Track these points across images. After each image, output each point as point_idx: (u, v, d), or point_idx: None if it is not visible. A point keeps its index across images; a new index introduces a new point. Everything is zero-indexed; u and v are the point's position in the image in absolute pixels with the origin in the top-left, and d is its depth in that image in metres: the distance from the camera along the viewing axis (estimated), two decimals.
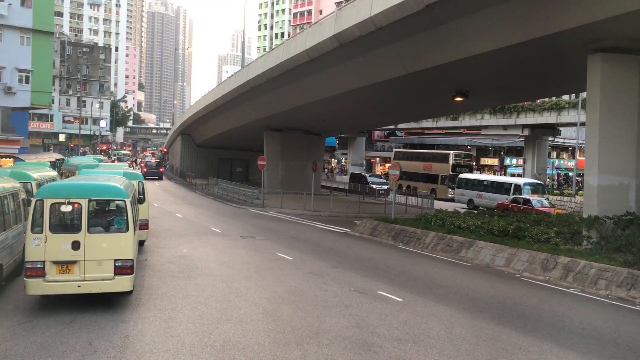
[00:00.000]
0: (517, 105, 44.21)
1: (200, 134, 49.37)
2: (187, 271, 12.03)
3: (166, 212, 24.23)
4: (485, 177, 37.57)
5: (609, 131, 14.23)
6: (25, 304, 8.93)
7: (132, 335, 7.65)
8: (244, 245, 16.26)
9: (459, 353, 7.49)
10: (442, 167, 42.03)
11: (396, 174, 22.71)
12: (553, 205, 28.23)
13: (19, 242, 10.60)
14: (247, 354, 7.07)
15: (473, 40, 15.94)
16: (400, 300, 10.22)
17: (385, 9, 15.99)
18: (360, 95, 24.14)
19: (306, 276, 12.03)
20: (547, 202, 27.49)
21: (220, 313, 8.85)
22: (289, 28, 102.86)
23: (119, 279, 8.66)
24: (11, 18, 35.51)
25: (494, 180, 34.98)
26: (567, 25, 13.29)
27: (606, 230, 13.79)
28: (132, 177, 13.84)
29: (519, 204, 26.62)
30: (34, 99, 37.70)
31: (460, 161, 42.54)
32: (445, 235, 16.75)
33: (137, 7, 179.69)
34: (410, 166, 43.02)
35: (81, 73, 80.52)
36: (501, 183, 33.22)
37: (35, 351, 6.89)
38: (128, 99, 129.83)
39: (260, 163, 29.60)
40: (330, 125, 38.27)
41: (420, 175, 43.66)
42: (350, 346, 7.53)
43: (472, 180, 35.85)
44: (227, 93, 33.03)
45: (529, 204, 26.16)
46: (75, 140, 71.53)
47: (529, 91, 25.20)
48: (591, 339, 8.48)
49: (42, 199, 8.49)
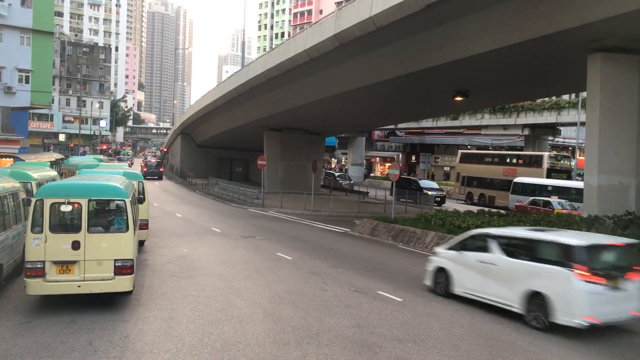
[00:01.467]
0: (517, 105, 44.21)
1: (200, 133, 49.37)
2: (187, 271, 12.04)
3: (166, 212, 24.23)
4: (548, 181, 31.55)
5: (609, 131, 14.23)
6: (25, 304, 8.93)
7: (132, 335, 7.65)
8: (244, 245, 16.26)
9: (459, 353, 7.49)
10: (531, 172, 34.02)
11: (396, 174, 22.69)
12: (575, 207, 25.05)
13: (19, 242, 10.60)
14: (247, 354, 7.08)
15: (473, 40, 15.94)
16: (400, 300, 10.22)
17: (385, 9, 15.99)
18: (360, 95, 24.13)
19: (306, 276, 12.04)
20: (568, 204, 25.65)
21: (220, 313, 8.85)
22: (289, 28, 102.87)
23: (119, 279, 8.66)
24: (11, 18, 35.51)
25: (560, 185, 30.26)
26: (567, 25, 13.28)
27: (606, 230, 13.78)
28: (132, 177, 13.84)
29: (539, 206, 25.58)
30: (34, 99, 37.71)
31: (557, 164, 35.45)
32: (445, 235, 16.73)
33: (137, 7, 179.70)
34: (482, 171, 36.97)
35: (81, 73, 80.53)
36: (568, 188, 28.92)
37: (36, 351, 6.89)
38: (128, 98, 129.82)
39: (260, 163, 29.60)
40: (330, 125, 38.26)
41: (499, 182, 35.88)
42: (350, 346, 7.53)
43: (531, 185, 31.14)
44: (227, 93, 33.02)
45: (549, 206, 25.13)
46: (75, 140, 71.53)
47: (529, 91, 25.20)
48: (591, 338, 8.48)
49: (42, 198, 8.49)
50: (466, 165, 37.99)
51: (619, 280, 8.74)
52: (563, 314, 8.57)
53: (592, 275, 8.47)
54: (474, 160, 39.32)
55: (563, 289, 8.65)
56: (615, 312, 8.69)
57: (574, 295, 8.50)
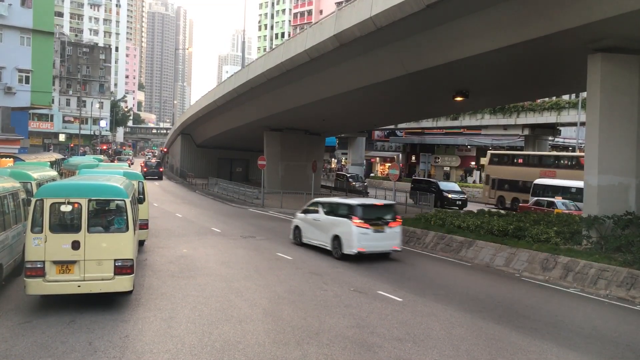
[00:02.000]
0: (517, 105, 44.17)
1: (200, 133, 49.37)
2: (187, 271, 12.04)
3: (166, 212, 24.23)
4: (570, 183, 28.14)
5: (609, 131, 14.22)
6: (25, 304, 8.93)
7: (132, 335, 7.65)
8: (244, 245, 16.25)
9: (459, 353, 7.49)
10: (572, 174, 29.55)
11: (396, 174, 22.67)
12: (580, 208, 22.65)
13: (18, 242, 10.60)
14: (247, 354, 7.08)
15: (473, 40, 15.93)
16: (400, 300, 10.22)
17: (385, 9, 15.99)
18: (360, 95, 24.13)
19: (306, 276, 12.04)
20: (572, 204, 24.58)
21: (220, 313, 8.85)
22: (289, 28, 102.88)
23: (119, 279, 8.66)
24: (11, 18, 35.51)
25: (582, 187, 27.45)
26: (567, 25, 13.28)
27: (606, 230, 13.79)
28: (132, 177, 13.84)
29: (543, 206, 25.01)
30: (34, 99, 37.70)
31: None
32: (445, 235, 16.74)
33: (137, 7, 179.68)
34: (516, 173, 33.74)
35: (81, 73, 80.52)
36: None
37: (36, 351, 6.89)
38: (128, 99, 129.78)
39: (260, 163, 29.60)
40: (330, 125, 38.26)
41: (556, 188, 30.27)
42: (350, 346, 7.53)
43: (553, 186, 28.63)
44: (227, 93, 33.02)
45: (553, 206, 24.55)
46: (75, 140, 71.53)
47: (529, 91, 25.19)
48: (591, 338, 8.48)
49: (42, 198, 8.49)
50: (496, 167, 35.67)
51: (382, 227, 14.28)
52: (347, 248, 14.05)
53: (362, 223, 13.87)
54: (505, 161, 36.38)
55: (347, 232, 14.07)
56: (379, 246, 14.30)
57: (352, 235, 13.89)
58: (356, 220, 13.95)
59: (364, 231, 13.93)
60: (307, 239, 16.02)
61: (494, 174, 36.74)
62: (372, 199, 18.06)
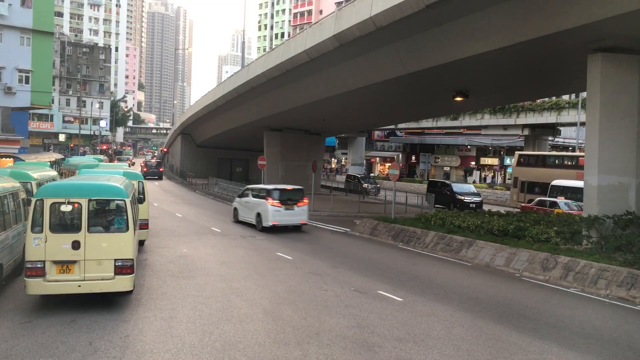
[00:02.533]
0: (517, 105, 44.18)
1: (200, 134, 49.37)
2: (187, 271, 12.04)
3: (166, 212, 24.23)
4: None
5: (609, 131, 14.22)
6: (25, 304, 8.93)
7: (132, 335, 7.65)
8: (244, 245, 16.26)
9: (459, 353, 7.49)
10: None
11: (396, 174, 22.67)
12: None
13: (19, 242, 10.60)
14: (247, 354, 7.08)
15: (473, 40, 15.93)
16: (400, 300, 10.22)
17: (385, 9, 15.99)
18: (360, 95, 24.13)
19: (306, 276, 12.04)
20: (575, 204, 23.98)
21: (220, 313, 8.85)
22: (289, 28, 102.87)
23: (119, 279, 8.67)
24: (11, 18, 35.52)
25: None
26: (567, 25, 13.28)
27: (606, 230, 13.79)
28: (132, 177, 13.85)
29: (545, 206, 24.77)
30: (34, 99, 37.71)
31: None
32: (445, 235, 16.74)
33: (137, 7, 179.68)
34: (549, 175, 31.15)
35: (81, 73, 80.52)
36: None
37: (36, 351, 6.89)
38: (128, 99, 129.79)
39: (260, 163, 29.59)
40: (330, 125, 38.26)
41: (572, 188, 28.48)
42: (351, 346, 7.53)
43: (571, 187, 27.55)
44: (227, 93, 33.02)
45: (556, 206, 24.33)
46: (75, 140, 71.53)
47: (529, 91, 25.19)
48: (591, 338, 8.48)
49: (42, 198, 8.49)
50: (526, 169, 33.94)
51: (292, 206, 19.10)
52: (265, 222, 18.90)
53: (276, 202, 18.80)
54: (536, 163, 34.53)
55: (265, 210, 18.95)
56: (290, 220, 19.18)
57: (268, 212, 18.78)
58: (270, 201, 18.93)
59: (277, 209, 18.92)
60: (242, 217, 20.98)
61: (523, 177, 34.66)
62: (287, 185, 20.63)
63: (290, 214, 19.15)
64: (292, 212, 19.16)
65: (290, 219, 19.25)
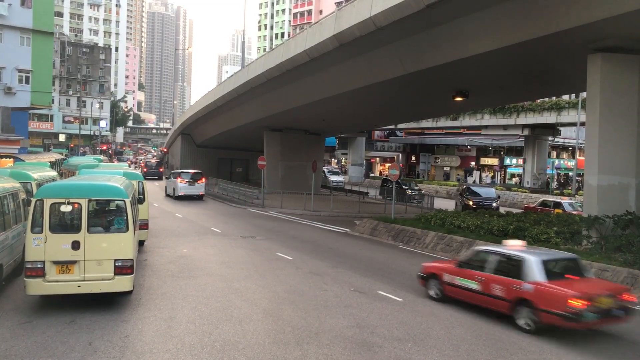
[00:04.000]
0: (517, 105, 44.17)
1: (200, 134, 49.35)
2: (187, 271, 12.04)
3: (166, 212, 24.24)
4: None
5: (609, 131, 14.22)
6: (25, 304, 8.93)
7: (132, 335, 7.66)
8: (244, 245, 16.26)
9: (459, 353, 7.49)
10: None
11: (396, 174, 22.66)
12: None
13: (19, 242, 10.60)
14: (247, 354, 7.08)
15: (473, 40, 15.93)
16: (400, 300, 10.22)
17: (385, 9, 15.98)
18: (360, 95, 24.13)
19: (306, 276, 12.04)
20: (579, 204, 24.02)
21: (220, 313, 8.85)
22: (289, 28, 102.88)
23: (119, 279, 8.66)
24: (11, 18, 35.51)
25: None
26: (567, 25, 13.28)
27: (606, 230, 13.79)
28: (132, 177, 13.84)
29: (549, 207, 24.65)
30: (34, 99, 37.70)
31: None
32: (445, 235, 16.74)
33: (137, 7, 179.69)
34: None
35: (81, 73, 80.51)
36: None
37: (36, 351, 6.89)
38: (128, 99, 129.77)
39: (260, 163, 29.58)
40: (330, 125, 38.24)
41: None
42: (351, 346, 7.53)
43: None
44: (227, 93, 33.01)
45: (559, 207, 24.30)
46: (75, 140, 71.52)
47: (529, 91, 25.18)
48: (591, 338, 8.48)
49: (42, 199, 8.49)
50: None
51: (193, 182, 30.96)
52: (177, 192, 30.53)
53: (182, 180, 30.91)
54: None
55: (177, 186, 30.72)
56: (192, 192, 30.82)
57: (178, 187, 30.62)
58: (179, 179, 30.92)
59: (183, 185, 30.61)
60: (168, 192, 32.70)
61: None
62: (189, 169, 33.37)
63: (192, 188, 30.89)
64: (194, 186, 31.00)
65: (192, 191, 30.92)
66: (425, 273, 10.87)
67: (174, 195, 30.71)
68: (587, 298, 8.14)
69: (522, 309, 8.76)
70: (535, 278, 8.72)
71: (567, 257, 10.20)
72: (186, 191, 30.51)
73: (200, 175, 31.93)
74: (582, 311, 8.03)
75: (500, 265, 9.45)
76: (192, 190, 30.77)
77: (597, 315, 8.16)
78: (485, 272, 9.53)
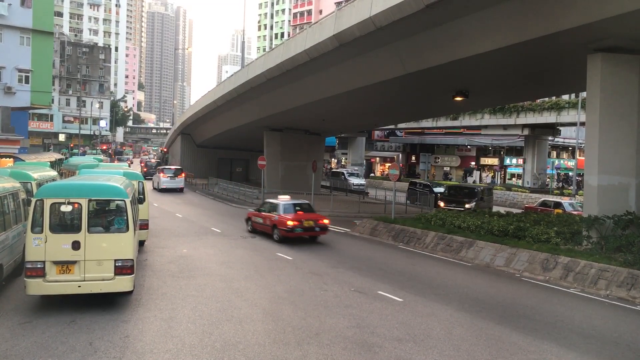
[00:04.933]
0: (517, 105, 44.19)
1: (200, 134, 49.34)
2: (187, 271, 12.04)
3: (166, 212, 24.23)
4: None
5: (609, 131, 14.22)
6: (25, 304, 8.93)
7: (132, 335, 7.65)
8: (244, 245, 16.26)
9: (459, 353, 7.49)
10: None
11: (396, 174, 22.64)
12: None
13: (19, 242, 10.60)
14: (247, 354, 7.08)
15: (473, 40, 15.93)
16: (400, 300, 10.22)
17: (385, 9, 15.98)
18: (360, 95, 24.13)
19: (306, 276, 12.04)
20: (579, 204, 24.14)
21: (220, 313, 8.85)
22: (289, 28, 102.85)
23: (119, 279, 8.66)
24: (11, 18, 35.50)
25: None
26: (567, 25, 13.28)
27: (606, 230, 13.79)
28: (132, 177, 13.84)
29: (549, 207, 24.72)
30: (34, 99, 37.70)
31: None
32: (445, 235, 16.74)
33: (137, 7, 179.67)
34: None
35: (81, 73, 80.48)
36: None
37: (36, 351, 6.89)
38: (128, 98, 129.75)
39: (260, 163, 29.57)
40: (330, 125, 38.24)
41: None
42: (351, 346, 7.53)
43: None
44: (227, 93, 33.01)
45: (560, 207, 24.39)
46: (75, 140, 71.50)
47: (529, 91, 25.18)
48: (591, 338, 8.48)
49: (42, 199, 8.49)
50: None
51: (174, 177, 35.49)
52: (160, 186, 35.15)
53: (165, 175, 35.52)
54: None
55: (159, 180, 35.73)
56: (173, 185, 35.21)
57: (161, 180, 35.29)
58: (162, 174, 35.01)
59: (165, 179, 34.83)
60: (154, 185, 35.81)
61: None
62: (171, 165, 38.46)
63: (173, 182, 35.26)
64: (174, 180, 35.36)
65: (173, 185, 35.24)
66: (246, 216, 19.66)
67: (158, 188, 35.05)
68: (297, 221, 16.41)
69: (275, 229, 16.87)
70: (279, 213, 16.95)
71: (303, 202, 18.61)
72: (168, 184, 35.02)
73: (181, 171, 36.92)
74: (294, 227, 16.25)
75: (270, 207, 17.69)
76: (173, 183, 35.34)
77: (302, 229, 16.39)
78: (264, 212, 17.88)
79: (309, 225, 16.54)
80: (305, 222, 16.46)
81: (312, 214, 17.43)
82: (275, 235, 16.70)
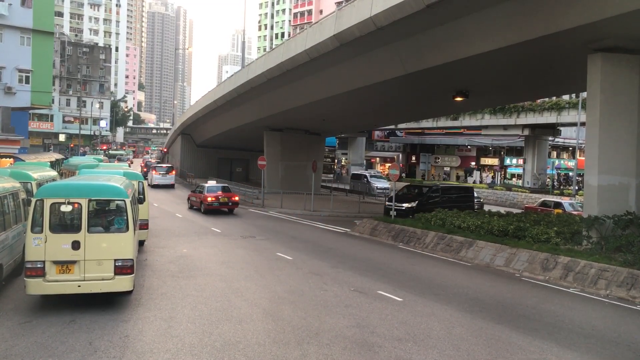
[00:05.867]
0: (517, 105, 44.18)
1: (200, 134, 49.35)
2: (187, 271, 12.04)
3: (166, 212, 24.23)
4: None
5: (609, 131, 14.22)
6: (25, 304, 8.93)
7: (132, 335, 7.65)
8: (244, 245, 16.26)
9: (459, 353, 7.49)
10: None
11: (396, 174, 22.64)
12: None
13: (19, 242, 10.60)
14: (247, 354, 7.08)
15: (473, 40, 15.94)
16: (400, 300, 10.22)
17: (385, 9, 15.99)
18: (360, 95, 24.13)
19: (306, 276, 12.03)
20: (579, 204, 24.18)
21: (220, 313, 8.85)
22: (289, 28, 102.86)
23: (119, 279, 8.66)
24: (11, 18, 35.52)
25: None
26: (567, 25, 13.28)
27: (606, 230, 13.79)
28: (132, 177, 13.85)
29: (549, 207, 24.71)
30: (34, 99, 37.71)
31: None
32: (445, 235, 16.74)
33: (137, 7, 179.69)
34: None
35: (81, 73, 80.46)
36: None
37: (36, 351, 6.89)
38: (128, 99, 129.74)
39: (260, 163, 29.58)
40: (330, 125, 38.25)
41: None
42: (351, 346, 7.53)
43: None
44: (227, 93, 33.02)
45: (560, 207, 24.39)
46: (75, 140, 71.51)
47: (529, 91, 25.19)
48: (591, 338, 8.48)
49: (42, 199, 8.49)
50: None
51: (165, 174, 39.07)
52: (152, 182, 37.58)
53: (156, 172, 39.20)
54: None
55: (152, 177, 38.66)
56: (164, 182, 38.44)
57: (153, 177, 38.51)
58: (154, 172, 38.40)
59: (157, 176, 38.06)
60: (149, 181, 33.76)
61: None
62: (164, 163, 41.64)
63: (165, 179, 38.30)
64: (166, 177, 38.42)
65: (165, 181, 38.28)
66: (187, 197, 27.13)
67: (151, 184, 36.14)
68: (214, 197, 23.86)
69: (201, 204, 23.93)
70: (205, 193, 24.13)
71: (224, 185, 26.14)
72: (159, 181, 38.12)
73: (172, 168, 40.64)
74: (212, 202, 23.74)
75: (201, 189, 24.94)
76: (165, 180, 38.48)
77: (219, 204, 23.89)
78: (197, 193, 25.00)
79: (224, 200, 24.05)
80: (222, 199, 23.96)
81: (228, 193, 24.66)
82: (202, 208, 23.94)
